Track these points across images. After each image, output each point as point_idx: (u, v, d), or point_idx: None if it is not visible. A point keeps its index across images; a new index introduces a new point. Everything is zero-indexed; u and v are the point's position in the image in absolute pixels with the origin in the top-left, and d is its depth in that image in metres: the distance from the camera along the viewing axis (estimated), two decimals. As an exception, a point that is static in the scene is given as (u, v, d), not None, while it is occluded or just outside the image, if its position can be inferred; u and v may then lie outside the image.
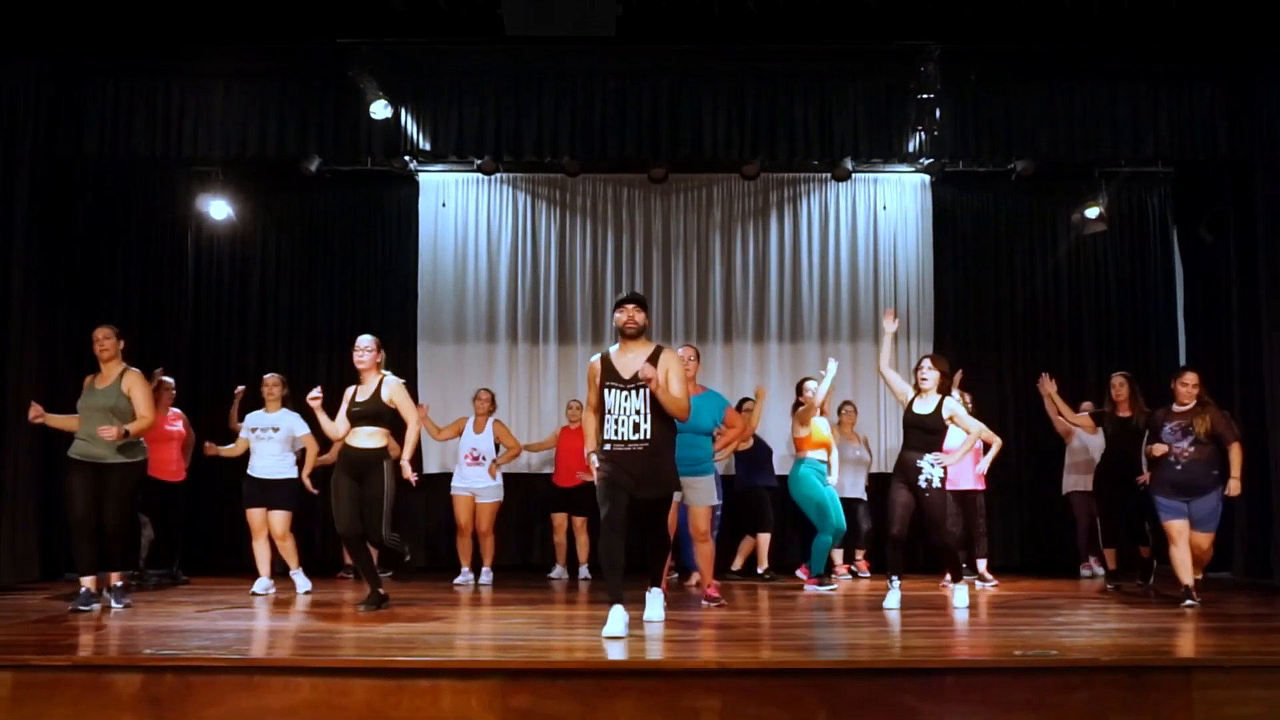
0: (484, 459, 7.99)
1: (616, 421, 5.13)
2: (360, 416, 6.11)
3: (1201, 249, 8.94)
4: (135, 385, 6.06)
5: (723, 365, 9.34)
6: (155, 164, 8.42)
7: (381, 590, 6.16)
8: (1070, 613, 6.07)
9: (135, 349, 6.78)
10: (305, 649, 4.70)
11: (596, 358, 5.32)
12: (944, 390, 6.30)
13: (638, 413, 5.11)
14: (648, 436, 5.10)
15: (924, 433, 6.18)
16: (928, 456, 6.12)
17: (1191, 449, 6.42)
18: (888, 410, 9.21)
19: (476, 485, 7.96)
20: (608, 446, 5.16)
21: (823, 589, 7.28)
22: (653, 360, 5.12)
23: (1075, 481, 8.46)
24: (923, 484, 6.07)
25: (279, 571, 7.20)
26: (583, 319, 9.40)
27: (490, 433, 8.09)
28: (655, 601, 5.51)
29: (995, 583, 7.68)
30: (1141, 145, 7.81)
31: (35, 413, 5.95)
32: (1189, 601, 6.24)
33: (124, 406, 6.01)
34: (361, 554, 6.21)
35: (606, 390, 5.18)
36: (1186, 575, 6.38)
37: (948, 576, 6.83)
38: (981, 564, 7.91)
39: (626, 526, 5.12)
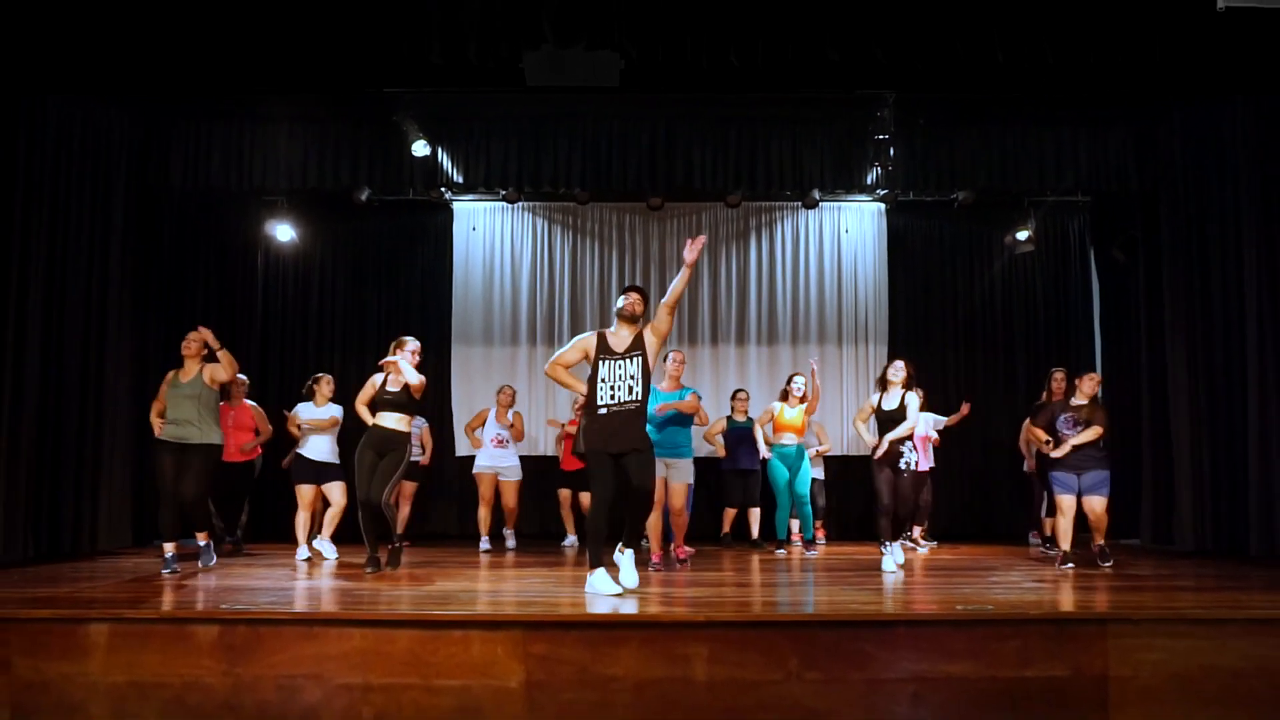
0: (507, 443, 7.99)
1: (612, 388, 5.02)
2: (392, 404, 6.18)
3: (1115, 267, 8.94)
4: (210, 368, 6.17)
5: (710, 364, 9.35)
6: (230, 194, 8.40)
7: (380, 557, 6.15)
8: (1004, 574, 6.07)
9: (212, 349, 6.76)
10: (355, 604, 4.70)
11: (592, 334, 5.21)
12: (907, 386, 6.38)
13: (632, 377, 5.03)
14: (639, 397, 5.05)
15: (896, 425, 6.30)
16: (907, 444, 6.27)
17: (1075, 433, 6.45)
18: (847, 404, 9.23)
19: (501, 465, 7.95)
20: (603, 410, 5.01)
21: (809, 553, 7.43)
22: (639, 336, 5.10)
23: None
24: (902, 466, 6.24)
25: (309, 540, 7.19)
26: (592, 324, 9.35)
27: (510, 421, 8.10)
28: (628, 565, 5.16)
29: (933, 545, 7.73)
30: (1064, 178, 7.83)
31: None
32: (1068, 565, 6.28)
33: (207, 395, 6.14)
34: (379, 520, 6.17)
35: (601, 362, 5.06)
36: (1066, 542, 6.42)
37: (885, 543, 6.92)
38: (917, 531, 7.97)
39: (613, 510, 5.09)
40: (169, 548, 5.99)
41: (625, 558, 5.18)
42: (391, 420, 6.18)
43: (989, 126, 7.78)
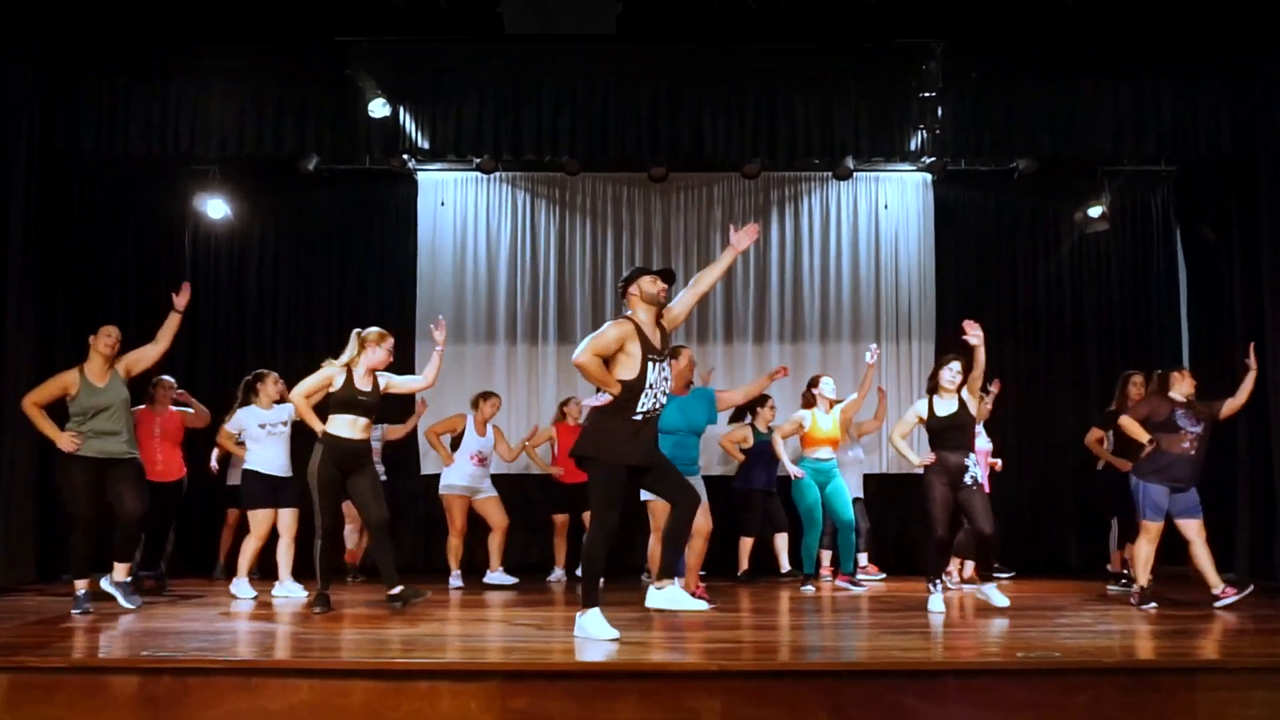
0: (488, 461, 8.00)
1: (656, 396, 5.01)
2: (365, 407, 6.16)
3: (1204, 247, 8.93)
4: (128, 363, 6.22)
5: (723, 366, 9.33)
6: (152, 162, 8.38)
7: (402, 591, 6.12)
8: (1073, 614, 6.06)
9: (133, 347, 6.74)
10: (303, 650, 4.70)
11: (627, 322, 5.06)
12: (959, 389, 6.39)
13: (665, 379, 5.10)
14: (665, 402, 5.14)
15: (958, 431, 6.28)
16: (971, 455, 6.28)
17: (1200, 432, 6.44)
18: (903, 411, 9.17)
19: (477, 484, 7.94)
20: (638, 417, 4.99)
21: (854, 589, 7.43)
22: (664, 336, 5.14)
23: None
24: (969, 481, 6.18)
25: (263, 577, 7.20)
26: (583, 319, 9.37)
27: (491, 436, 8.08)
28: (680, 598, 5.01)
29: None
30: (1144, 142, 7.81)
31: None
32: (1150, 604, 6.26)
33: (128, 397, 6.21)
34: (391, 546, 6.21)
35: (651, 364, 5.00)
36: (1146, 574, 6.42)
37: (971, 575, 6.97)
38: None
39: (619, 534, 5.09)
40: (80, 584, 5.98)
41: (671, 591, 4.97)
42: (360, 429, 6.14)
43: (1054, 81, 7.77)
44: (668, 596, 4.97)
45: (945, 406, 6.33)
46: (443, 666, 4.26)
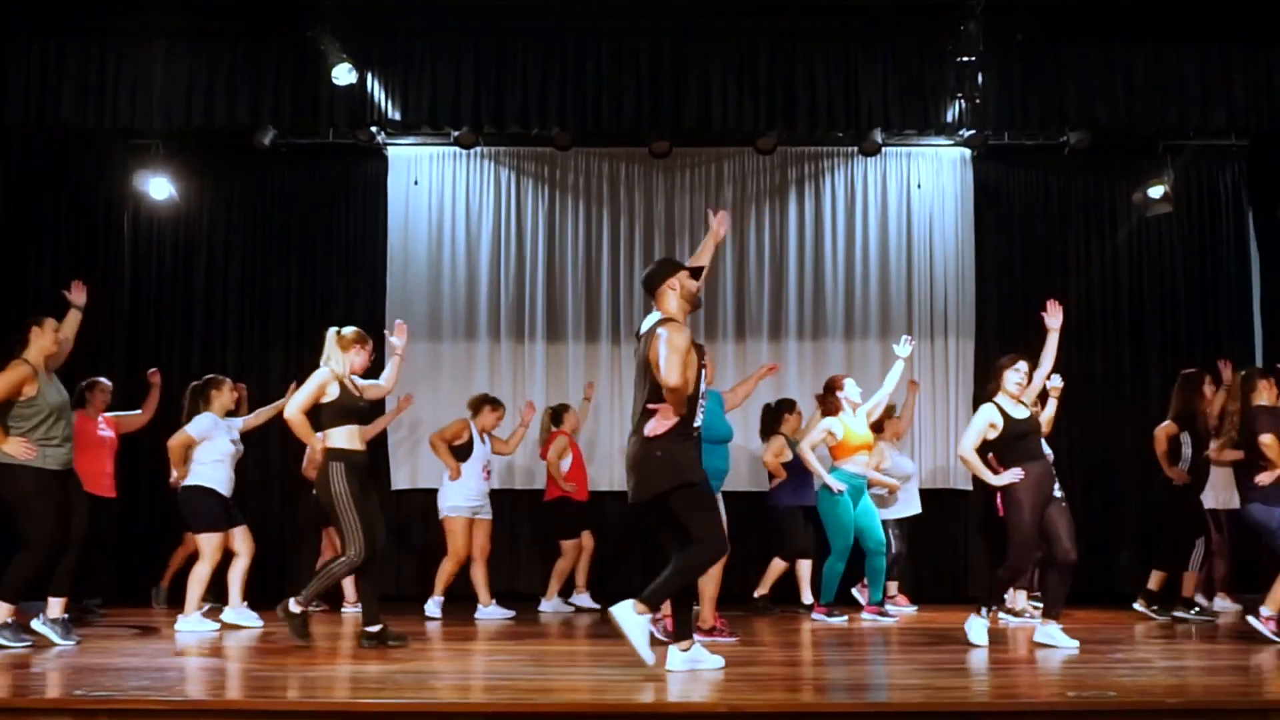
0: (490, 475, 8.09)
1: (700, 410, 5.09)
2: (366, 416, 6.26)
3: (1280, 232, 8.95)
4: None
5: (735, 365, 9.32)
6: (87, 136, 8.40)
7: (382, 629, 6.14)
8: (1130, 649, 6.07)
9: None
10: (258, 690, 4.70)
11: (680, 325, 5.00)
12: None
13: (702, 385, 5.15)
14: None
15: (1037, 436, 6.31)
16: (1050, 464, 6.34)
17: None
18: (938, 418, 9.23)
19: (479, 503, 7.95)
20: (695, 434, 5.07)
21: (832, 620, 7.42)
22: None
23: (1213, 498, 8.13)
24: (1059, 494, 6.20)
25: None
26: (574, 313, 9.38)
27: (488, 442, 8.12)
28: (642, 632, 4.94)
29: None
30: (1212, 115, 7.81)
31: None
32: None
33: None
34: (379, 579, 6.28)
35: (702, 370, 5.07)
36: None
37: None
38: (1022, 598, 7.91)
39: None
40: (5, 610, 5.95)
41: (641, 622, 4.90)
42: (361, 439, 6.19)
43: (1111, 45, 7.76)
44: (690, 658, 5.02)
45: (1018, 410, 6.25)
46: (423, 707, 4.24)
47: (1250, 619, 6.35)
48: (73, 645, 6.06)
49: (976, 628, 6.14)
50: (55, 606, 6.19)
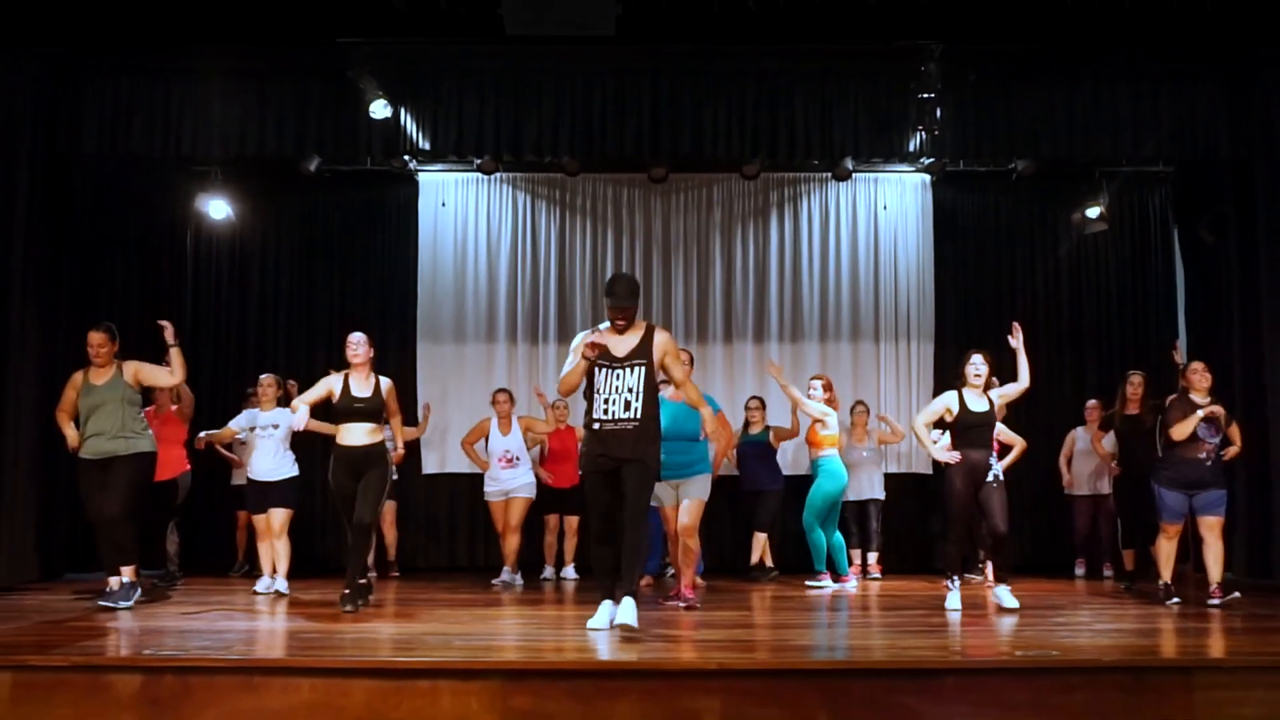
0: (518, 460, 7.94)
1: (607, 401, 5.07)
2: (365, 413, 6.16)
3: (1202, 249, 8.91)
4: (139, 369, 6.26)
5: (723, 366, 9.35)
6: (154, 163, 8.40)
7: (363, 581, 6.19)
8: (1071, 613, 6.07)
9: (134, 348, 6.76)
10: (304, 649, 4.70)
11: (591, 333, 5.12)
12: (987, 386, 6.41)
13: (630, 390, 5.06)
14: (637, 416, 5.06)
15: (987, 430, 6.32)
16: (993, 454, 6.37)
17: (1218, 442, 6.47)
18: (902, 409, 9.22)
19: (510, 485, 7.90)
20: (596, 426, 5.09)
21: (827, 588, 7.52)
22: (647, 340, 5.13)
23: (1074, 484, 8.53)
24: (991, 480, 6.22)
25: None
26: (583, 318, 9.35)
27: (517, 432, 8.02)
28: (629, 608, 4.95)
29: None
30: (1142, 145, 7.81)
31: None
32: (1174, 601, 6.34)
33: (130, 395, 6.20)
34: (368, 545, 6.27)
35: (597, 370, 5.09)
36: (1169, 569, 6.49)
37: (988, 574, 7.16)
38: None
39: (614, 536, 5.13)
40: (113, 581, 6.07)
41: (624, 608, 4.93)
42: (363, 435, 6.17)
43: (1053, 83, 7.76)
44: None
45: (979, 403, 6.29)
46: (444, 665, 4.26)
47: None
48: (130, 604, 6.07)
49: (951, 598, 6.19)
50: (125, 572, 6.20)
